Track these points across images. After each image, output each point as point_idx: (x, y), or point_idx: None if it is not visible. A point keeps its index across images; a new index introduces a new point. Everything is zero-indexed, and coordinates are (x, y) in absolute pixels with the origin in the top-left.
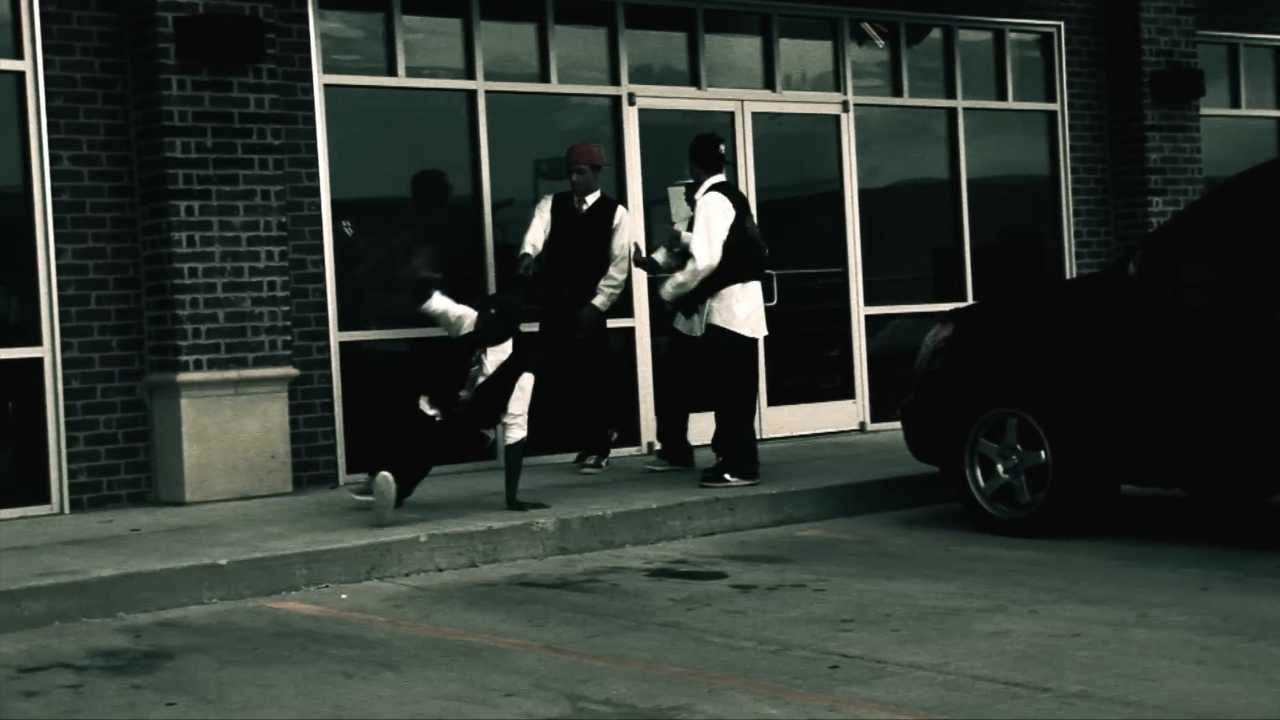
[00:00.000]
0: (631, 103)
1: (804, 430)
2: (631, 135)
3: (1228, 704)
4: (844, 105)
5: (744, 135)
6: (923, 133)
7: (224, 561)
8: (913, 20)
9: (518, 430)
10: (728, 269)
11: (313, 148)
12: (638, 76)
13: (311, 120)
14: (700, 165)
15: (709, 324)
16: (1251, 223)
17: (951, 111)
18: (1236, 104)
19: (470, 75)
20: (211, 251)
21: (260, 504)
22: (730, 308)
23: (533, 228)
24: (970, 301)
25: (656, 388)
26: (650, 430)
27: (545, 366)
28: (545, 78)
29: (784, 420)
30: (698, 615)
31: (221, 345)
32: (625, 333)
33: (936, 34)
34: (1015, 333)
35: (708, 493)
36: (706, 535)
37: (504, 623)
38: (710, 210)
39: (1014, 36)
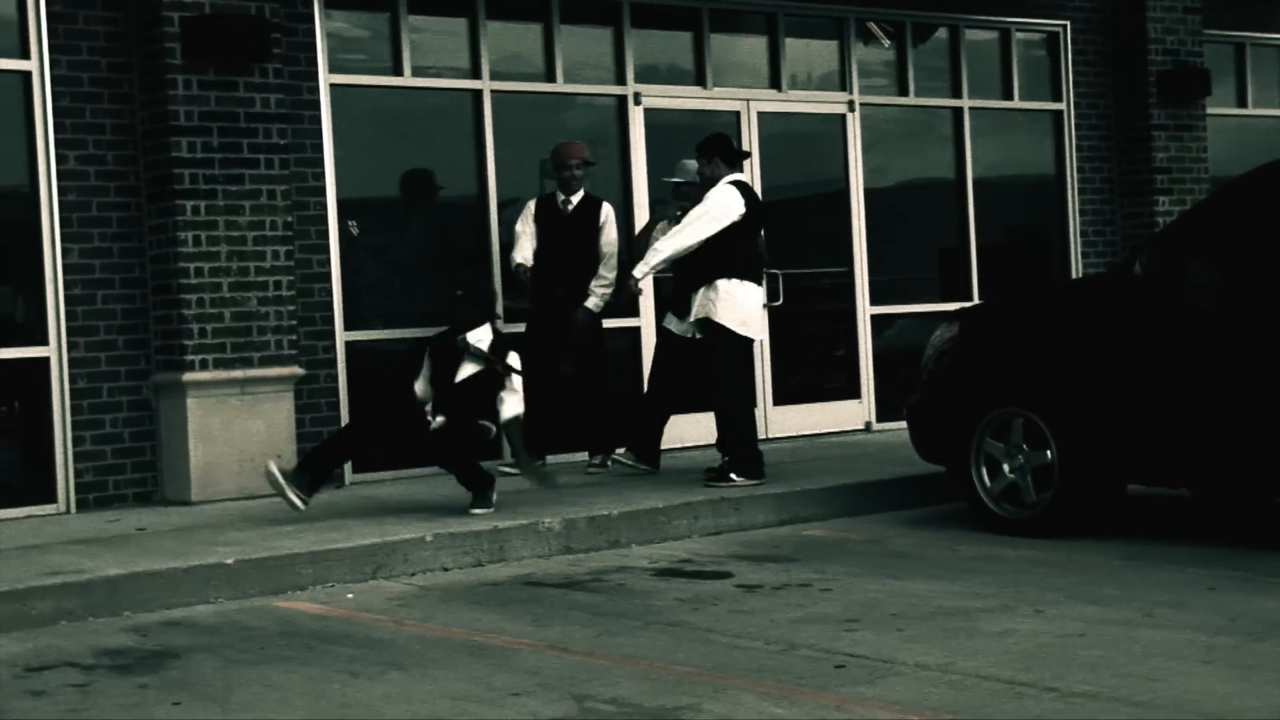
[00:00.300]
0: (637, 102)
1: (809, 430)
2: (637, 135)
3: (1234, 704)
4: (850, 105)
5: (750, 135)
6: (929, 132)
7: (230, 561)
8: (919, 20)
9: (514, 405)
10: (732, 264)
11: (319, 147)
12: (643, 76)
13: (317, 120)
14: (723, 160)
15: (710, 321)
16: (1258, 222)
17: (957, 111)
18: (1243, 103)
19: (476, 75)
20: (217, 251)
21: (266, 503)
22: (733, 307)
23: (521, 244)
24: (976, 301)
25: (648, 387)
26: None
27: (541, 369)
28: (551, 77)
29: (790, 420)
30: (703, 615)
31: (227, 345)
32: (631, 332)
33: (942, 33)
34: (1021, 332)
35: (713, 492)
36: (712, 535)
37: (510, 622)
38: (715, 200)
39: (1020, 36)
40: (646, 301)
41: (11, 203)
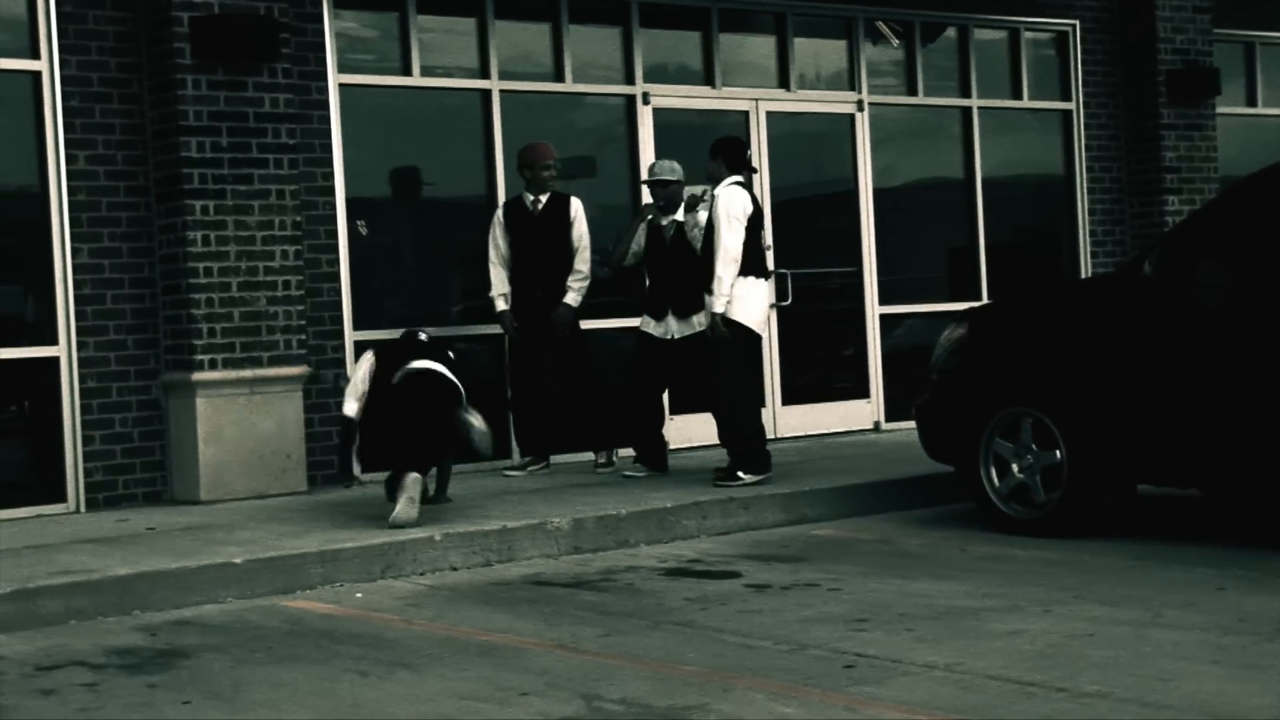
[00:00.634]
0: (646, 102)
1: (818, 430)
2: (646, 134)
3: (1244, 704)
4: (859, 104)
5: (759, 134)
6: (938, 132)
7: (239, 560)
8: (928, 19)
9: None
10: (744, 262)
11: (328, 147)
12: (652, 76)
13: (326, 119)
14: (726, 164)
15: (723, 317)
16: (1267, 221)
17: (966, 110)
18: (1253, 103)
19: (485, 75)
20: (227, 251)
21: (275, 503)
22: (745, 302)
23: (496, 275)
24: (985, 301)
25: (635, 393)
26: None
27: (526, 373)
28: (560, 77)
29: (799, 420)
30: (712, 614)
31: (237, 344)
32: (633, 331)
33: (951, 33)
34: (1030, 332)
35: (722, 492)
36: (721, 535)
37: (519, 622)
38: (731, 203)
39: (1029, 35)
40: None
41: (21, 202)
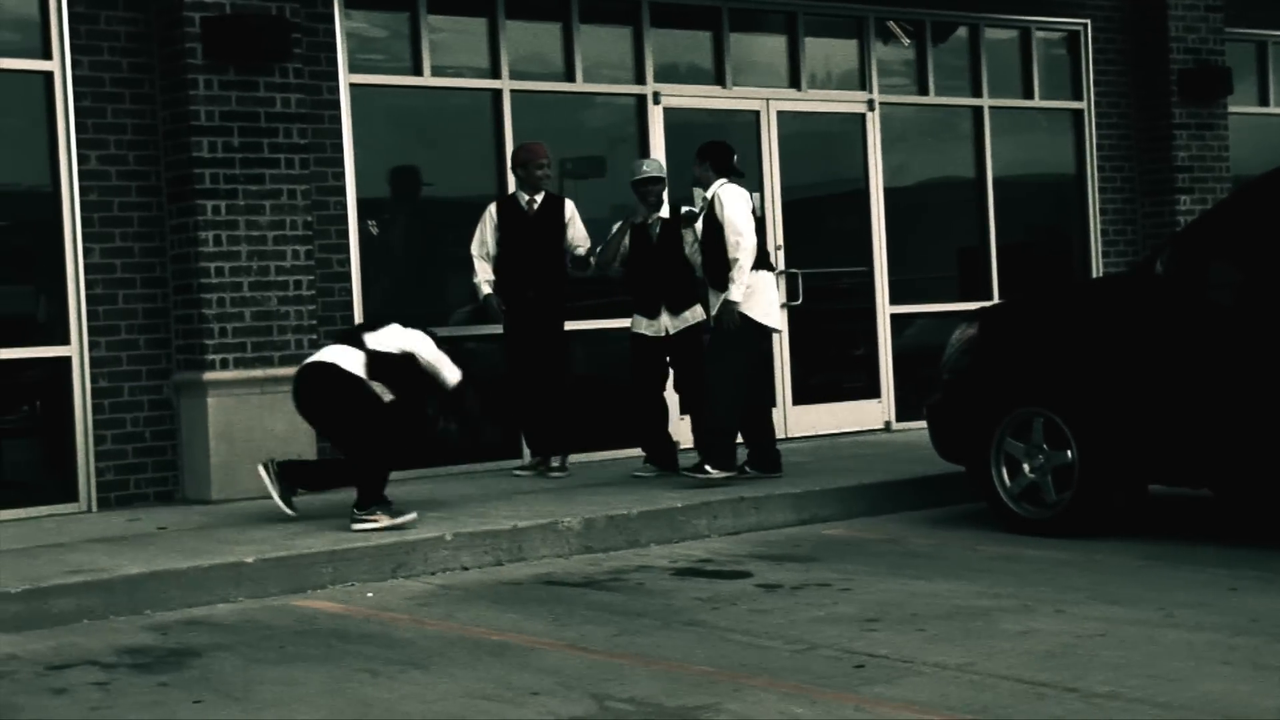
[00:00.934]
0: (656, 102)
1: (829, 429)
2: (657, 134)
3: (1256, 705)
4: (869, 104)
5: (769, 134)
6: (948, 131)
7: (250, 560)
8: (938, 19)
9: (451, 374)
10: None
11: (339, 147)
12: (663, 75)
13: (337, 119)
14: (714, 168)
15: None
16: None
17: (977, 110)
18: (1265, 102)
19: (495, 74)
20: (238, 250)
21: None
22: (754, 296)
23: (479, 263)
24: (996, 301)
25: (636, 395)
26: (676, 427)
27: (520, 372)
28: (570, 77)
29: (809, 419)
30: (723, 614)
31: (248, 344)
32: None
33: (962, 32)
34: (1041, 332)
35: (733, 491)
36: (731, 534)
37: (529, 621)
38: (735, 200)
39: (1040, 35)
40: None
41: (33, 202)
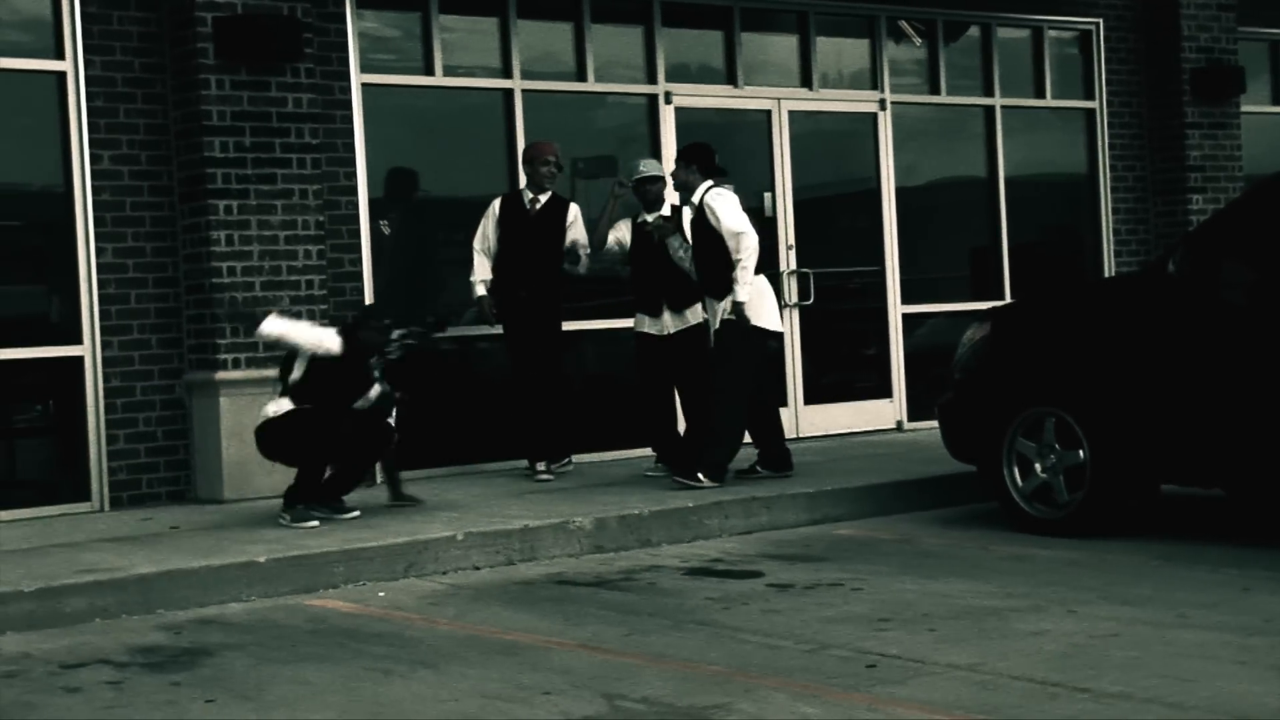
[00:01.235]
0: (668, 101)
1: (841, 429)
2: (668, 134)
3: (1269, 705)
4: (881, 103)
5: (781, 133)
6: (960, 131)
7: (263, 559)
8: (950, 18)
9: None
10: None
11: (350, 147)
12: (674, 75)
13: (349, 119)
14: (700, 170)
15: (729, 315)
16: None
17: (989, 109)
18: (1277, 101)
19: (507, 74)
20: (250, 250)
21: None
22: (758, 303)
23: (479, 259)
24: (1008, 300)
25: (643, 395)
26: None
27: (512, 372)
28: (582, 76)
29: (821, 419)
30: (734, 614)
31: (260, 344)
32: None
33: (974, 31)
34: (1053, 332)
35: (744, 491)
36: (743, 534)
37: (541, 621)
38: (725, 203)
39: (1053, 34)
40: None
41: (46, 202)
